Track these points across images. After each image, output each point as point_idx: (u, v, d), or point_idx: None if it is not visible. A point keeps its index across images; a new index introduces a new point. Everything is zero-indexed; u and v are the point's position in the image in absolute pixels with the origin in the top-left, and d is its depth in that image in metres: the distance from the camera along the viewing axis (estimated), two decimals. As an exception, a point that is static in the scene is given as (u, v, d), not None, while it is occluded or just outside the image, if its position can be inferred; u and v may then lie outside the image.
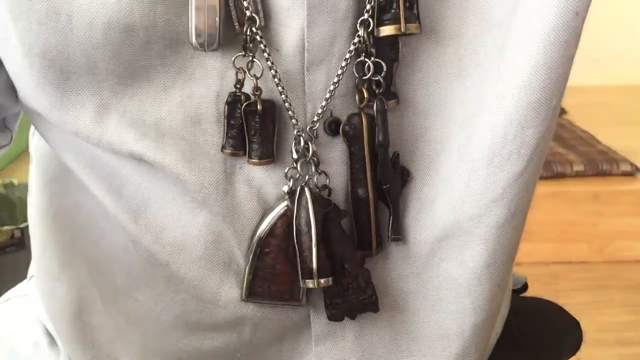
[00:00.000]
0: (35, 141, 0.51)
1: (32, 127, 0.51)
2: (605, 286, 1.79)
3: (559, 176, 1.92)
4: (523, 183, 0.41)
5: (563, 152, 2.02)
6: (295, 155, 0.40)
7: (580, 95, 2.43)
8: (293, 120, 0.39)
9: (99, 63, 0.37)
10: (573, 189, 1.90)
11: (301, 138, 0.39)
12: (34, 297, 0.53)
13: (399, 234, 0.42)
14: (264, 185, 0.41)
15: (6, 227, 1.43)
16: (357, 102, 0.40)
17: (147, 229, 0.42)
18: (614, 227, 1.90)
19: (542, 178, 1.89)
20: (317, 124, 0.40)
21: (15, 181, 1.57)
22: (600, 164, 1.94)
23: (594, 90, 2.56)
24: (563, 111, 2.40)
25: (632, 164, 1.94)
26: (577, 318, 0.64)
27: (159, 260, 0.42)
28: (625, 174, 1.93)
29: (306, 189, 0.39)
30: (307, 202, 0.39)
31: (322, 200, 0.40)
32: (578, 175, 1.92)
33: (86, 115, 0.39)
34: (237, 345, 0.44)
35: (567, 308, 0.65)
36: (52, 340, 0.52)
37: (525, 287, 0.65)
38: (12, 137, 0.49)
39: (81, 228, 0.47)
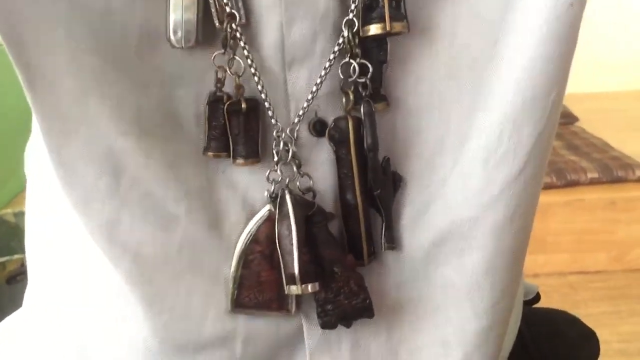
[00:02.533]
0: (29, 163, 0.50)
1: (26, 148, 0.50)
2: (625, 295, 1.75)
3: (573, 184, 1.89)
4: (521, 184, 0.39)
5: (576, 159, 1.99)
6: (276, 157, 0.38)
7: (591, 101, 2.41)
8: (273, 120, 0.38)
9: (77, 38, 0.36)
10: (588, 197, 1.87)
11: (280, 139, 0.38)
12: (30, 327, 0.51)
13: (392, 242, 0.40)
14: (249, 190, 0.40)
15: (17, 256, 1.44)
16: (343, 105, 0.39)
17: (124, 247, 0.40)
18: (632, 234, 1.86)
19: (555, 187, 1.86)
20: (299, 125, 0.38)
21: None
22: (615, 170, 1.91)
23: (605, 97, 2.54)
24: (575, 118, 2.38)
25: (647, 169, 1.90)
26: (598, 329, 0.61)
27: (140, 281, 0.40)
28: (641, 180, 1.89)
29: (286, 192, 0.38)
30: (287, 205, 0.38)
31: (303, 203, 0.39)
32: (592, 182, 1.89)
33: (66, 97, 0.37)
34: None
35: (587, 319, 0.63)
36: None
37: (537, 297, 0.63)
38: None
39: (72, 254, 0.45)
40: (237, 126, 0.37)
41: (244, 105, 0.37)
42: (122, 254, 0.40)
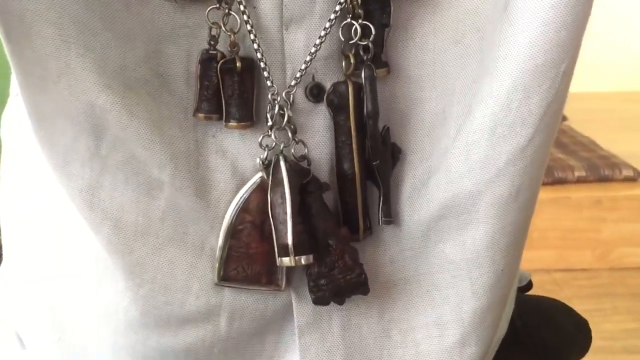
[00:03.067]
0: (5, 129, 0.47)
1: (3, 113, 0.47)
2: (609, 293, 1.75)
3: (560, 182, 1.88)
4: (529, 157, 0.37)
5: (564, 157, 1.99)
6: (270, 122, 0.36)
7: (580, 101, 2.40)
8: (268, 82, 0.36)
9: None
10: (575, 195, 1.86)
11: (276, 102, 0.36)
12: (2, 299, 0.49)
13: (389, 216, 0.38)
14: (239, 156, 0.38)
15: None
16: (343, 69, 0.37)
17: (105, 213, 0.38)
18: (617, 233, 1.86)
19: (543, 184, 1.85)
20: (295, 88, 0.36)
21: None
22: (602, 169, 1.90)
23: (594, 97, 2.54)
24: (564, 118, 2.37)
25: (634, 169, 1.90)
26: (582, 326, 0.60)
27: (121, 249, 0.38)
28: (627, 179, 1.89)
29: (281, 158, 0.36)
30: (281, 172, 0.36)
31: (298, 170, 0.37)
32: (579, 180, 1.89)
33: (46, 46, 0.34)
34: (213, 340, 0.40)
35: (571, 316, 0.61)
36: (21, 344, 0.48)
37: (530, 284, 0.61)
38: None
39: (48, 227, 0.43)
40: (231, 86, 0.35)
41: (238, 64, 0.35)
42: (102, 220, 0.38)
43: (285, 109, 0.36)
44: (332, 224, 0.37)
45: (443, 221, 0.39)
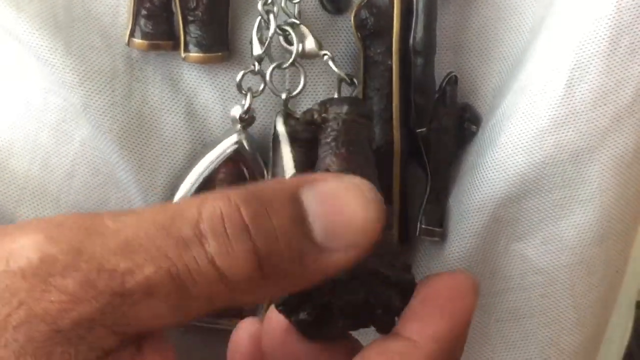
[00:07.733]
0: None
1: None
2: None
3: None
4: None
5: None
6: (258, 48, 0.25)
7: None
8: None
9: None
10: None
11: (271, 16, 0.25)
12: None
13: (437, 222, 0.25)
14: (200, 93, 0.26)
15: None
16: None
17: None
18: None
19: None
20: None
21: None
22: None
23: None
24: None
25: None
26: None
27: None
28: None
29: (279, 119, 0.23)
30: (279, 149, 0.22)
31: (305, 130, 0.23)
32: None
33: None
34: None
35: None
36: None
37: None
38: None
39: None
40: None
41: None
42: None
43: (290, 28, 0.25)
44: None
45: (521, 204, 0.25)
